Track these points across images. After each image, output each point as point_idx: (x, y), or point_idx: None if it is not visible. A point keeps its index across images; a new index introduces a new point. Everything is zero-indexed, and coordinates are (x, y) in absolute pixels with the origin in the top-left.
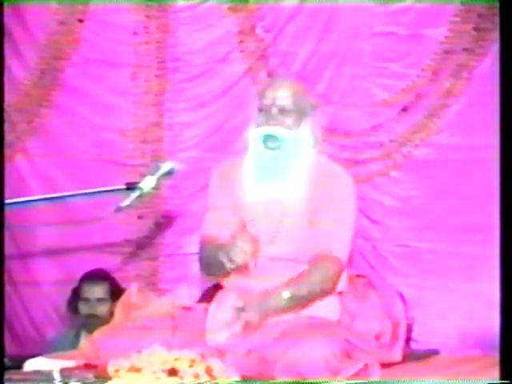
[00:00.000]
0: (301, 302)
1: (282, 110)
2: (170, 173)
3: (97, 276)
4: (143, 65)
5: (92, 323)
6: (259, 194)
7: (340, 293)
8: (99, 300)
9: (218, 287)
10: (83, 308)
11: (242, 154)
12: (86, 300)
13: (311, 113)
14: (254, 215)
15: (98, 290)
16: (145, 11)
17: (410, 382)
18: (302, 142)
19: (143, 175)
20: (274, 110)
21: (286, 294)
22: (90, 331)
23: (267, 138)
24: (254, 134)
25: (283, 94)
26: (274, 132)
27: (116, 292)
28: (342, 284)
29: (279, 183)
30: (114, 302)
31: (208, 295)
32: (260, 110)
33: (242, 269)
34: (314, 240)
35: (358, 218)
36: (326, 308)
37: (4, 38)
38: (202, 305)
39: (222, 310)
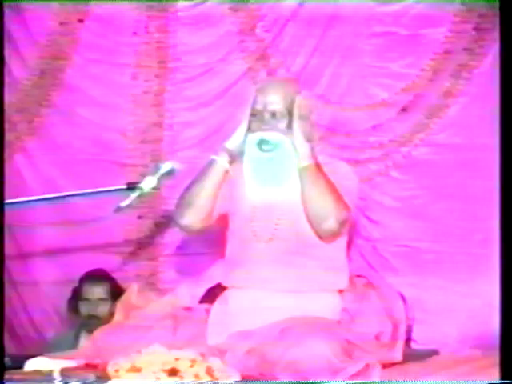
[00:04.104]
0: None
1: (274, 115)
2: (170, 173)
3: (97, 276)
4: (143, 65)
5: (92, 323)
6: (257, 196)
7: (340, 292)
8: (99, 300)
9: (219, 287)
10: (83, 308)
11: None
12: (87, 300)
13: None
14: (251, 217)
15: (98, 290)
16: (145, 11)
17: (409, 382)
18: (296, 144)
19: (143, 175)
20: (266, 115)
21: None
22: (90, 331)
23: (261, 142)
24: (248, 140)
25: (274, 99)
26: (267, 137)
27: (116, 292)
28: (343, 282)
29: (276, 185)
30: (114, 302)
31: (209, 296)
32: (252, 115)
33: None
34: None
35: (357, 218)
36: (326, 308)
37: (4, 37)
38: (203, 305)
39: (224, 309)
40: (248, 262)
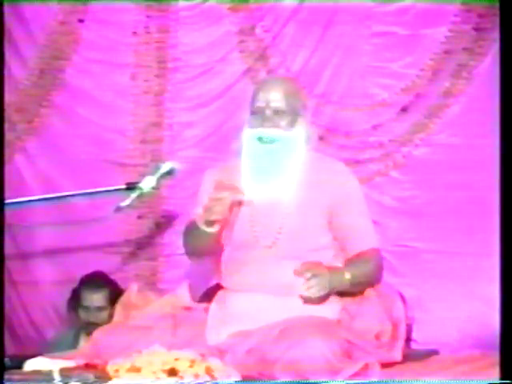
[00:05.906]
0: (358, 286)
1: (276, 112)
2: (170, 173)
3: (96, 283)
4: (143, 65)
5: (92, 328)
6: (257, 194)
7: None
8: (99, 308)
9: (219, 287)
10: (83, 315)
11: (236, 155)
12: (86, 308)
13: (304, 112)
14: (252, 218)
15: (97, 298)
16: (145, 11)
17: (410, 381)
18: (296, 141)
19: (143, 175)
20: (268, 112)
21: (348, 275)
22: (90, 334)
23: (261, 137)
24: (248, 135)
25: (276, 96)
26: (268, 133)
27: (116, 297)
28: None
29: (276, 179)
30: (114, 307)
31: (209, 295)
32: (253, 112)
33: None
34: (344, 238)
35: None
36: (326, 308)
37: (4, 37)
38: (202, 305)
39: (222, 309)
40: (248, 266)
